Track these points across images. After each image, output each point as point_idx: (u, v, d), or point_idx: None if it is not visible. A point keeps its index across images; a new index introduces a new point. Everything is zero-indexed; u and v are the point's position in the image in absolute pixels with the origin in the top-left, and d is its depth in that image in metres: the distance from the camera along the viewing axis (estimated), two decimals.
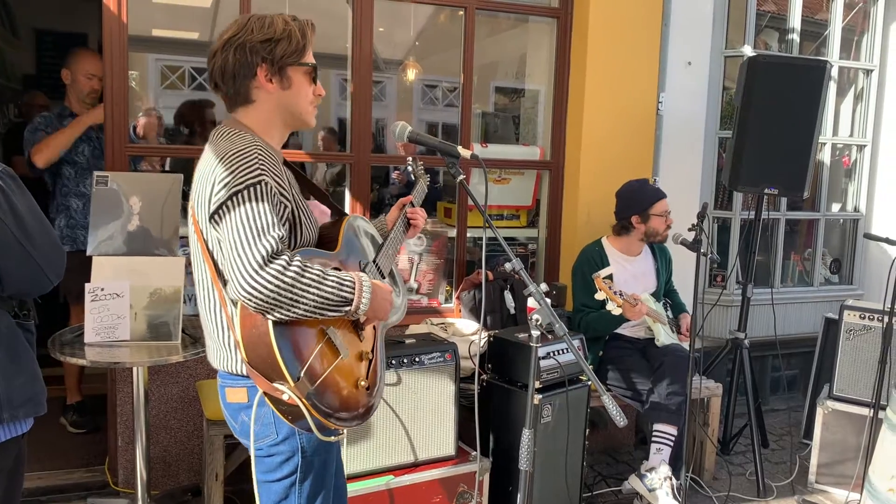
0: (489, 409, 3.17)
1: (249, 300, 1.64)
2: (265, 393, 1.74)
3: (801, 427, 4.53)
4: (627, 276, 3.74)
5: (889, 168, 5.25)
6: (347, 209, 3.89)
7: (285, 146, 2.08)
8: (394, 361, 2.89)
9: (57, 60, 7.50)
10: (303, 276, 1.66)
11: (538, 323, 2.07)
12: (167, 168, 4.57)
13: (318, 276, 1.69)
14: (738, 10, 4.75)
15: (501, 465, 3.09)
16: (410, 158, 2.45)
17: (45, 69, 7.49)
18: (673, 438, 3.44)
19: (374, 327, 2.02)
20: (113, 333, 2.86)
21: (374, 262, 2.10)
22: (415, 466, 2.96)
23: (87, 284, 2.86)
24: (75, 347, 2.81)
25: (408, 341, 3.06)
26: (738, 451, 4.30)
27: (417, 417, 2.96)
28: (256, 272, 1.63)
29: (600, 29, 4.08)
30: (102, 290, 2.85)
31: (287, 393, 1.68)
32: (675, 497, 3.32)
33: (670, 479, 3.36)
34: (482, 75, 6.25)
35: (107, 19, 3.35)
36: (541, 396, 3.00)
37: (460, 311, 3.97)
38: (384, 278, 2.12)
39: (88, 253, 2.93)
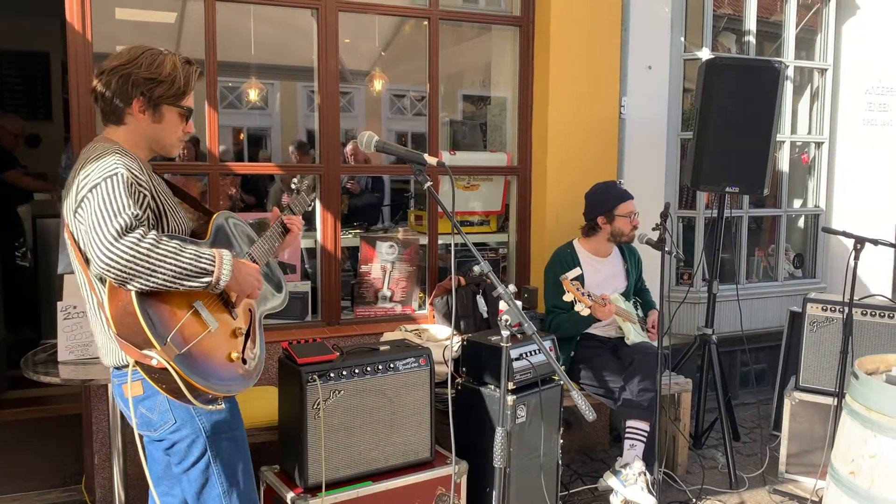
0: (465, 412, 3.22)
1: (108, 270, 1.76)
2: (137, 363, 1.86)
3: (771, 419, 4.63)
4: (599, 277, 3.82)
5: (846, 164, 5.40)
6: (319, 220, 3.93)
7: (253, 159, 2.14)
8: (369, 368, 2.92)
9: (19, 80, 7.46)
10: (158, 247, 1.79)
11: (508, 323, 2.12)
12: None
13: (174, 247, 1.83)
14: (695, 13, 4.87)
15: (479, 466, 3.13)
16: (296, 178, 2.64)
17: (6, 89, 7.44)
18: (646, 434, 3.51)
19: (251, 310, 2.16)
20: (87, 351, 2.86)
21: (247, 253, 2.24)
22: (393, 472, 2.99)
23: (58, 303, 2.86)
24: (49, 366, 2.80)
25: (382, 348, 3.09)
26: (710, 444, 4.38)
27: (394, 423, 2.99)
28: (112, 244, 1.75)
29: (561, 36, 4.16)
30: (75, 307, 2.85)
31: (155, 358, 1.81)
32: (649, 491, 3.39)
33: (644, 473, 3.43)
34: (449, 84, 6.33)
35: (71, 37, 3.36)
36: (514, 397, 3.05)
37: (434, 316, 4.01)
38: None
39: (59, 272, 2.93)
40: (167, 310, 1.87)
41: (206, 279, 1.87)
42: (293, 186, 2.63)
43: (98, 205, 1.81)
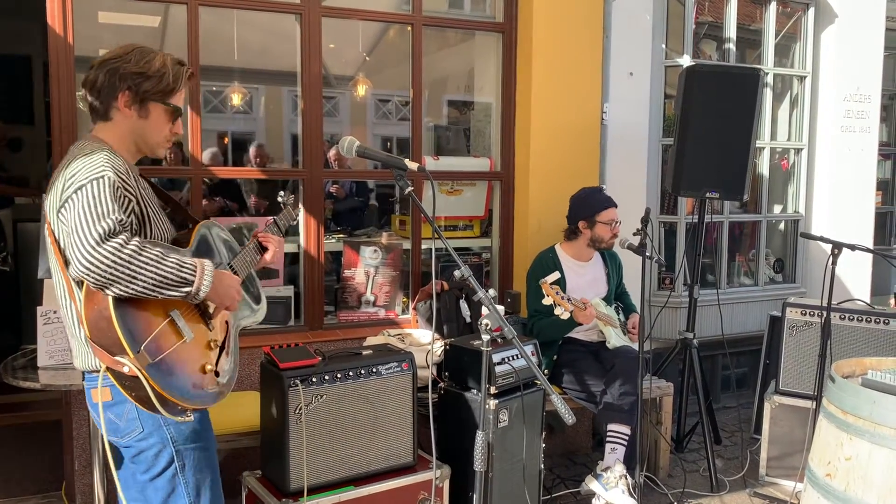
0: (448, 417, 3.22)
1: (88, 275, 1.74)
2: (108, 369, 1.85)
3: (752, 423, 4.67)
4: (581, 281, 3.84)
5: (825, 170, 5.47)
6: (302, 225, 3.92)
7: (238, 163, 2.13)
8: (351, 372, 2.92)
9: (0, 84, 7.40)
10: (140, 254, 1.78)
11: (488, 327, 2.13)
12: None
13: (157, 254, 1.81)
14: (676, 20, 4.92)
15: (461, 471, 3.13)
16: (282, 193, 2.63)
17: None
18: (627, 438, 3.53)
19: (227, 322, 2.15)
20: (67, 356, 2.84)
21: (228, 265, 2.22)
22: (375, 476, 2.99)
23: (38, 308, 2.84)
24: (28, 372, 2.78)
25: (365, 352, 3.10)
26: (691, 448, 4.41)
27: (376, 427, 2.99)
28: (94, 248, 1.74)
29: (544, 43, 4.19)
30: (55, 312, 2.84)
31: (127, 365, 1.80)
32: (630, 495, 3.41)
33: (625, 477, 3.45)
34: (434, 89, 6.35)
35: (52, 41, 3.34)
36: (497, 401, 3.06)
37: (417, 321, 4.02)
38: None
39: (39, 276, 2.91)
40: (143, 317, 1.85)
41: (187, 289, 1.85)
42: (280, 200, 2.61)
43: (82, 206, 1.79)
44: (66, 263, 1.89)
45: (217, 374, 2.04)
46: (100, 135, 2.05)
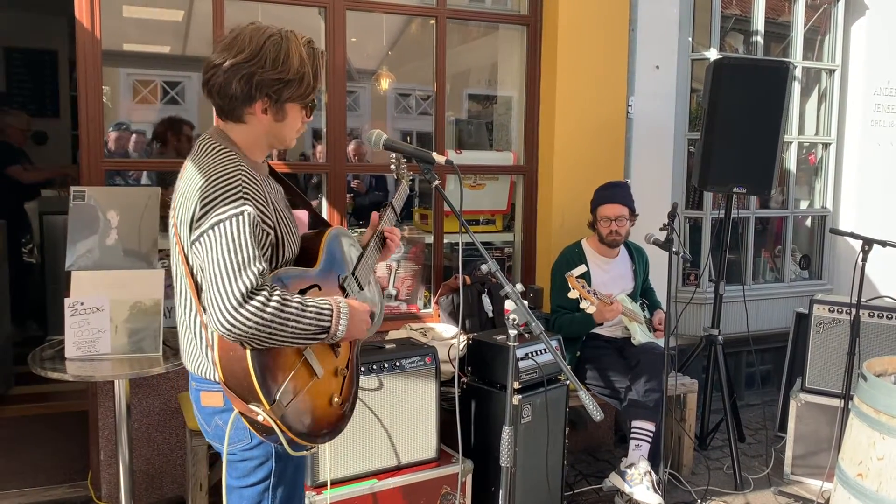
0: (470, 412, 3.22)
1: (228, 335, 1.66)
2: (241, 413, 1.77)
3: (776, 420, 4.62)
4: (606, 277, 3.81)
5: (853, 165, 5.39)
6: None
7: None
8: (375, 366, 2.92)
9: (27, 78, 7.49)
10: (282, 311, 1.68)
11: (515, 322, 2.12)
12: (140, 181, 4.59)
13: (297, 309, 1.72)
14: (703, 13, 4.86)
15: (484, 466, 3.13)
16: (394, 155, 2.39)
17: (14, 86, 7.47)
18: (651, 434, 3.50)
19: (351, 342, 2.05)
20: (94, 347, 2.87)
21: (353, 274, 2.11)
22: (398, 470, 2.99)
23: (66, 299, 2.87)
24: (56, 362, 2.81)
25: (388, 346, 3.10)
26: (715, 445, 4.37)
27: (399, 421, 2.99)
28: (236, 309, 1.64)
29: (569, 35, 4.16)
30: (82, 304, 2.86)
31: (262, 415, 1.72)
32: (655, 491, 3.38)
33: (650, 473, 3.42)
34: (455, 83, 6.32)
35: (80, 35, 3.36)
36: (520, 397, 3.05)
37: (439, 315, 4.01)
38: (362, 289, 2.14)
39: (67, 268, 2.93)
40: (278, 363, 1.77)
41: (323, 336, 1.78)
42: (392, 166, 2.40)
43: (222, 250, 1.68)
44: (199, 294, 1.80)
45: (343, 402, 1.96)
46: (229, 133, 1.91)
